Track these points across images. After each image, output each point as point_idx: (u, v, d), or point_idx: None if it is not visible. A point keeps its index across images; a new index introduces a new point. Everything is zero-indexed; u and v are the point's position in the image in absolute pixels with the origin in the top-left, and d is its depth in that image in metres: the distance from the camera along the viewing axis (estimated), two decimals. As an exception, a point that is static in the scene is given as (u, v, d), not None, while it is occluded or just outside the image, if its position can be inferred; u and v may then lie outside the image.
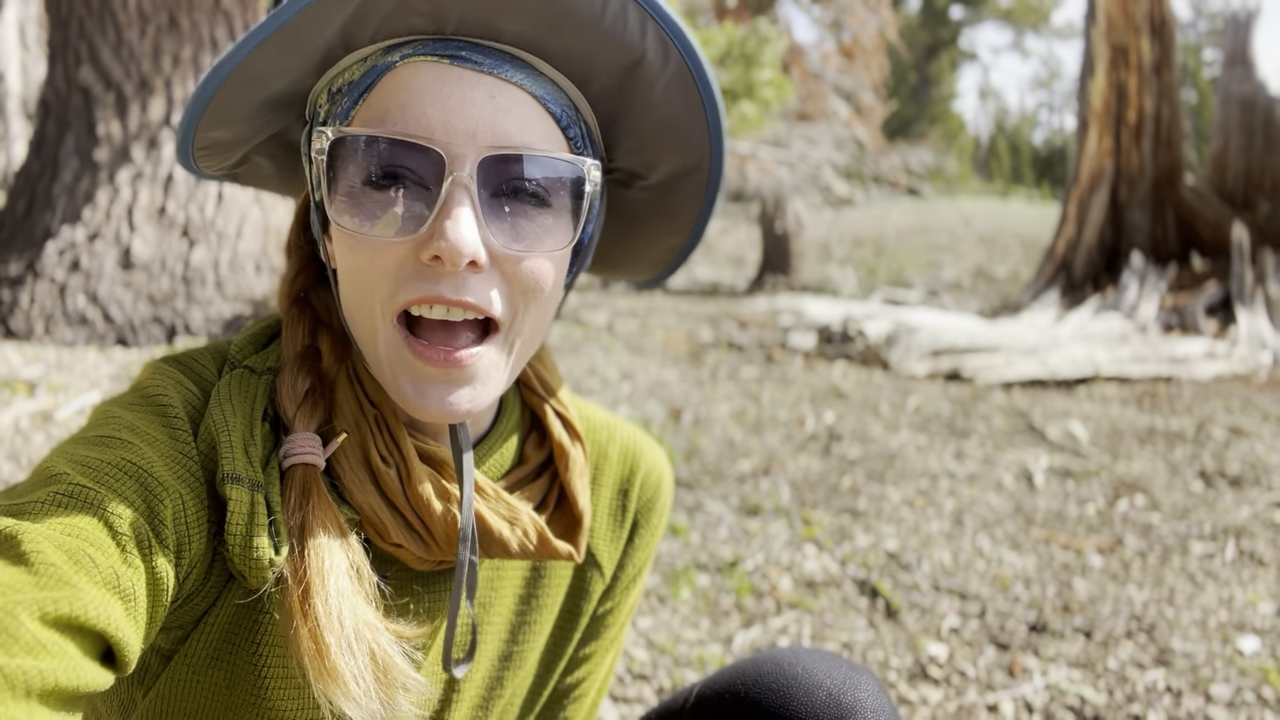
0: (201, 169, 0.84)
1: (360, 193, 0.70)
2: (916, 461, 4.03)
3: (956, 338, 6.54)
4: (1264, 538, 3.15)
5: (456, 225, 0.67)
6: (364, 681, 0.68)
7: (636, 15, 0.71)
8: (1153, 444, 4.46)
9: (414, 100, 0.69)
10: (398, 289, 0.71)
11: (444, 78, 0.70)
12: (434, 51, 0.71)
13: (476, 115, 0.69)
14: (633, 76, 0.77)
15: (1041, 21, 45.52)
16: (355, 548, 0.73)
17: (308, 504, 0.71)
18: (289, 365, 0.79)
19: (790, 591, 2.65)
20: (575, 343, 6.31)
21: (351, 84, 0.74)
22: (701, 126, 0.81)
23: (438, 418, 0.73)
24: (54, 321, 3.88)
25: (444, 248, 0.67)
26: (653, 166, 0.86)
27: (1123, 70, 10.04)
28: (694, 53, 0.75)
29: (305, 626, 0.67)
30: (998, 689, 2.17)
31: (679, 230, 0.92)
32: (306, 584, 0.68)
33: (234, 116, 0.77)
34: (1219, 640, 2.41)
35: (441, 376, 0.72)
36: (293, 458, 0.73)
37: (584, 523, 0.87)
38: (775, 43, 7.20)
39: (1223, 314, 8.10)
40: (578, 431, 0.90)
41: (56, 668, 0.52)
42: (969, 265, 15.26)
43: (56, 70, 4.34)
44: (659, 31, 0.73)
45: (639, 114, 0.80)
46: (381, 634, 0.70)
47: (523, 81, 0.72)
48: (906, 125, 40.77)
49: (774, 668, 0.89)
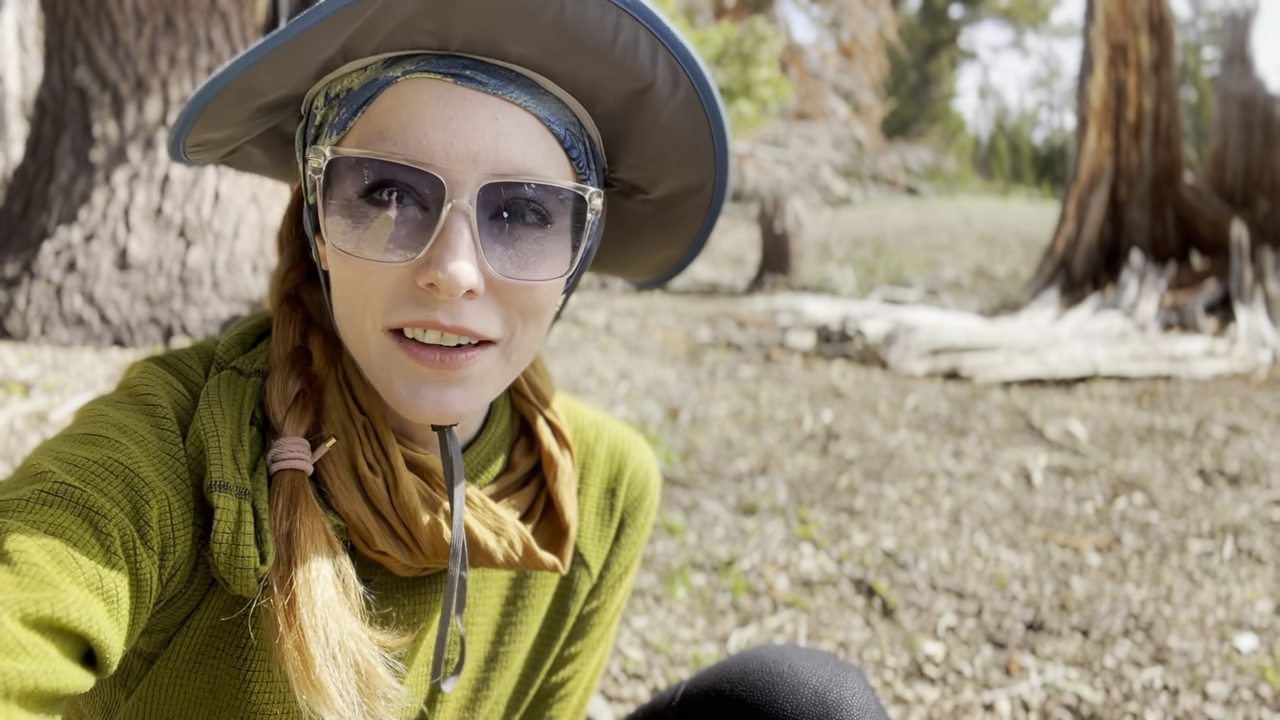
0: (193, 161, 0.83)
1: (356, 212, 0.68)
2: (914, 460, 4.02)
3: (955, 337, 6.54)
4: (1262, 536, 3.14)
5: (455, 256, 0.65)
6: (348, 694, 0.67)
7: (648, 43, 0.70)
8: (1151, 442, 4.46)
9: (415, 119, 0.67)
10: (391, 309, 0.69)
11: (446, 97, 0.68)
12: (437, 69, 0.69)
13: (479, 139, 0.67)
14: (640, 101, 0.75)
15: (1041, 20, 45.53)
16: (341, 556, 0.72)
17: (295, 511, 0.71)
18: (280, 366, 0.78)
19: (787, 591, 2.65)
20: (573, 343, 6.30)
21: (350, 93, 0.71)
22: (708, 152, 0.80)
23: (430, 418, 0.72)
24: (50, 322, 3.87)
25: (441, 279, 0.65)
26: (654, 184, 0.85)
27: (1122, 69, 10.03)
28: (705, 81, 0.74)
29: (290, 638, 0.67)
30: (994, 688, 2.16)
31: (677, 244, 0.92)
32: (292, 594, 0.68)
33: (227, 122, 0.76)
34: (1216, 638, 2.40)
35: (435, 377, 0.70)
36: (281, 462, 0.72)
37: (570, 534, 0.86)
38: (773, 41, 7.20)
39: (1222, 312, 8.10)
40: (568, 441, 0.90)
41: (36, 669, 0.51)
42: (968, 264, 15.25)
43: (52, 71, 4.33)
44: (670, 59, 0.71)
45: (643, 136, 0.79)
46: (365, 645, 0.70)
47: (527, 103, 0.70)
48: (905, 124, 40.76)
49: (760, 665, 0.89)
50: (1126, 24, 9.99)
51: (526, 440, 0.91)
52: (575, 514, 0.87)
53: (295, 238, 0.86)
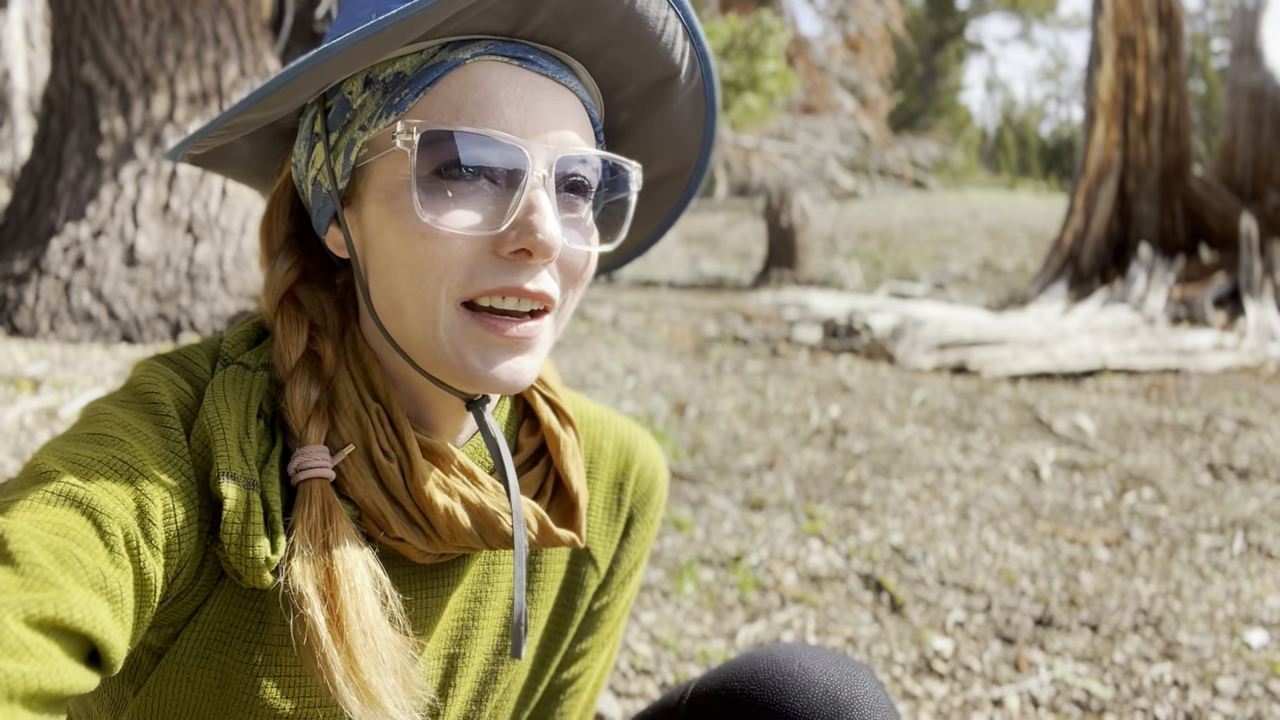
0: (182, 158, 0.83)
1: (437, 186, 0.70)
2: (922, 455, 4.01)
3: (963, 331, 6.52)
4: (1272, 530, 3.13)
5: (546, 220, 0.69)
6: (399, 700, 0.70)
7: (682, 34, 0.78)
8: (1160, 436, 4.44)
9: (490, 98, 0.71)
10: (470, 279, 0.71)
11: (516, 79, 0.72)
12: (504, 52, 0.72)
13: (547, 117, 0.72)
14: (661, 90, 0.82)
15: (1048, 12, 45.30)
16: (374, 561, 0.74)
17: (329, 523, 0.72)
18: (295, 374, 0.77)
19: (794, 586, 2.65)
20: (580, 337, 6.30)
21: (401, 76, 0.72)
22: (698, 137, 0.87)
23: (505, 387, 0.74)
24: (59, 319, 3.88)
25: (538, 242, 0.69)
26: (645, 168, 0.89)
27: (1130, 61, 9.97)
28: (712, 73, 0.82)
29: (339, 649, 0.68)
30: (1003, 683, 2.16)
31: (646, 228, 0.97)
32: (339, 607, 0.69)
33: (240, 129, 0.78)
34: (1226, 634, 2.39)
35: (508, 345, 0.73)
36: (307, 471, 0.72)
37: (580, 505, 0.87)
38: (779, 34, 7.16)
39: (1231, 306, 8.05)
40: (568, 416, 0.90)
41: (40, 670, 0.51)
42: (975, 258, 15.20)
43: (60, 67, 4.34)
44: (693, 52, 0.79)
45: (654, 122, 0.86)
46: (402, 652, 0.72)
47: (576, 88, 0.76)
48: (913, 117, 40.62)
49: (770, 664, 0.89)
50: (1135, 16, 9.93)
51: (530, 422, 0.91)
52: (583, 485, 0.88)
53: (288, 236, 0.85)
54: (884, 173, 13.84)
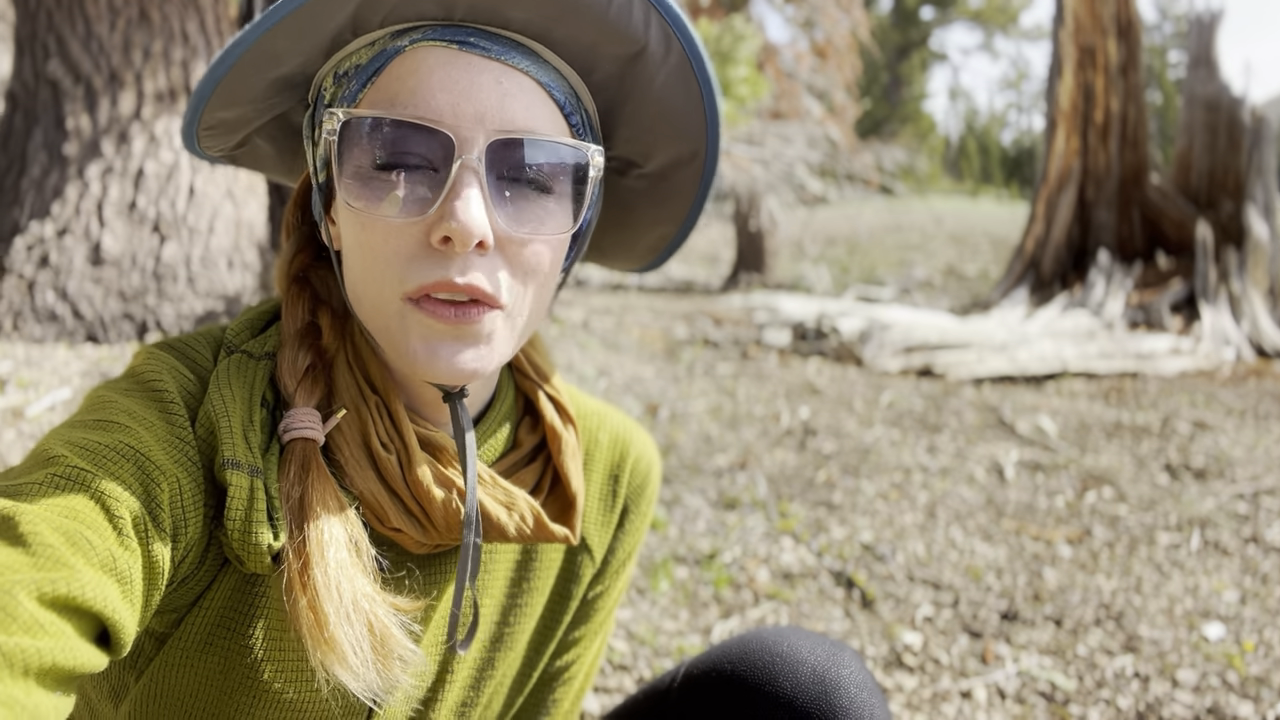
0: (204, 150, 0.84)
1: (369, 173, 0.71)
2: (890, 456, 4.08)
3: (928, 335, 6.61)
4: (1228, 528, 3.22)
5: (466, 206, 0.68)
6: (362, 651, 0.69)
7: (641, 7, 0.74)
8: (1119, 438, 4.55)
9: (423, 84, 0.71)
10: (407, 271, 0.71)
11: (453, 63, 0.71)
12: (442, 37, 0.72)
13: (484, 99, 0.71)
14: (634, 67, 0.78)
15: (1010, 23, 46.02)
16: (354, 522, 0.73)
17: (307, 478, 0.72)
18: (290, 342, 0.79)
19: (768, 583, 2.68)
20: (551, 339, 6.30)
21: (358, 68, 0.74)
22: (699, 118, 0.83)
23: (446, 377, 0.73)
24: (22, 318, 3.82)
25: (454, 229, 0.68)
26: (649, 155, 0.88)
27: (1090, 71, 10.19)
28: (695, 45, 0.77)
29: (304, 597, 0.68)
30: (971, 676, 2.21)
31: (671, 219, 0.94)
32: (306, 556, 0.69)
33: (242, 97, 0.77)
34: (1185, 627, 2.47)
35: (451, 333, 0.72)
36: (293, 432, 0.73)
37: (578, 505, 0.88)
38: (750, 40, 7.23)
39: (1187, 311, 8.25)
40: (570, 414, 0.91)
41: (54, 647, 0.52)
42: (940, 263, 15.41)
43: (24, 63, 4.27)
44: (662, 23, 0.75)
45: (638, 104, 0.82)
46: (379, 605, 0.71)
47: (528, 68, 0.74)
48: (878, 125, 41.07)
49: (760, 645, 0.91)
50: (1095, 27, 10.14)
51: (531, 418, 0.92)
52: (581, 485, 0.89)
53: (302, 224, 0.88)
54: (851, 178, 13.98)
